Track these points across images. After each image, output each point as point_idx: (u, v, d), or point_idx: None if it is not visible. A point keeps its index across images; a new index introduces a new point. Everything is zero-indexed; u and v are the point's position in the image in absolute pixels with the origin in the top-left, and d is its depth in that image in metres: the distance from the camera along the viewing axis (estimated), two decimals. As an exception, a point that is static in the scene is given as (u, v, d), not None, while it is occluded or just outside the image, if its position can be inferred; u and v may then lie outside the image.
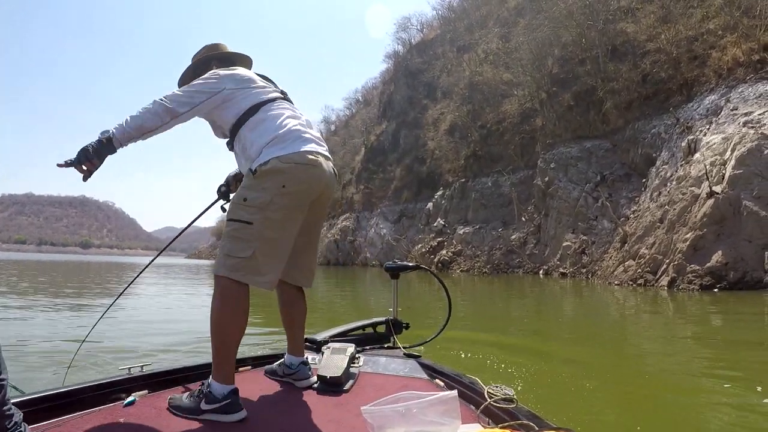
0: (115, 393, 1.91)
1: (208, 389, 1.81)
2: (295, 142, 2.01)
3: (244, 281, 1.89)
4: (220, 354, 1.86)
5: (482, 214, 30.76)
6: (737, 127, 14.21)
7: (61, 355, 4.53)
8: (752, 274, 11.81)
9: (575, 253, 20.77)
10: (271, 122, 2.05)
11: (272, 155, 1.95)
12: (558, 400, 3.36)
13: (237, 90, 2.09)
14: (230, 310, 1.88)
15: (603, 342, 6.12)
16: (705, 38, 19.28)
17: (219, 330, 1.87)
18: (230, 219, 1.96)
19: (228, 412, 1.77)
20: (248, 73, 2.22)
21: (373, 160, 50.42)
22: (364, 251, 44.11)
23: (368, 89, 70.61)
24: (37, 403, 1.69)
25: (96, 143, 1.89)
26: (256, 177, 1.94)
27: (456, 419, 1.45)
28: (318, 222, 2.32)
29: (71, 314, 7.87)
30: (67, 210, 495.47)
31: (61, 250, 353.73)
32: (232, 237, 1.92)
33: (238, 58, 2.43)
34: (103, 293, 12.22)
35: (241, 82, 2.12)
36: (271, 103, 2.12)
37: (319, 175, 2.04)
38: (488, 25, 41.78)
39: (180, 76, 2.40)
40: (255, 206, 1.91)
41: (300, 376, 2.26)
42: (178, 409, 1.81)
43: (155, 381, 2.06)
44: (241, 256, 1.88)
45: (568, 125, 25.52)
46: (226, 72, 2.13)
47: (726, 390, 3.53)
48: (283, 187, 1.93)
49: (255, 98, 2.10)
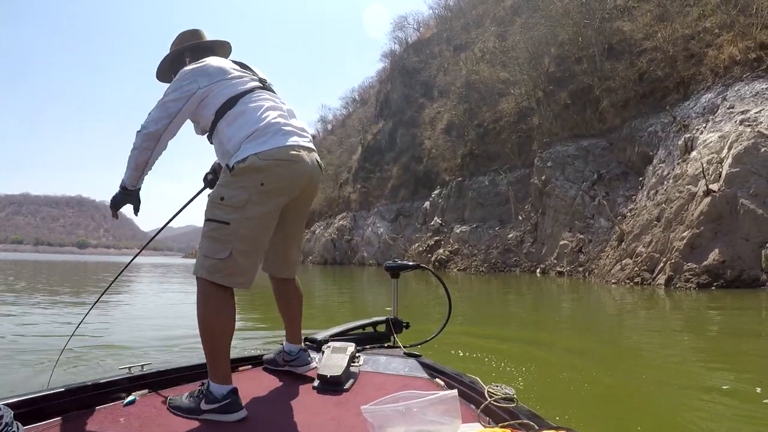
0: (115, 392, 1.90)
1: (207, 389, 1.80)
2: (275, 136, 1.94)
3: (223, 283, 1.86)
4: (212, 355, 1.84)
5: (479, 212, 30.75)
6: (734, 126, 14.21)
7: (45, 354, 4.49)
8: (749, 272, 11.81)
9: (572, 252, 20.77)
10: (249, 115, 1.97)
11: (250, 151, 1.88)
12: (558, 399, 3.34)
13: (211, 85, 2.00)
14: (214, 312, 1.86)
15: (602, 341, 6.09)
16: (701, 36, 19.29)
17: (207, 332, 1.85)
18: (207, 219, 1.91)
19: (228, 412, 1.76)
20: (222, 62, 2.11)
21: (370, 159, 50.41)
22: (361, 250, 44.06)
23: (365, 88, 70.61)
24: (37, 402, 1.68)
25: (117, 193, 2.08)
26: (233, 174, 1.89)
27: (456, 418, 1.44)
28: (301, 216, 2.29)
29: (66, 312, 7.82)
30: (64, 210, 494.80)
31: (58, 250, 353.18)
32: (210, 237, 1.88)
33: (214, 46, 2.34)
34: (99, 293, 12.14)
35: (215, 76, 2.02)
36: (250, 94, 2.04)
37: (300, 170, 1.99)
38: (485, 24, 41.81)
39: (158, 66, 2.34)
40: (232, 206, 1.86)
41: (300, 362, 2.29)
42: (178, 409, 1.80)
43: (155, 380, 2.05)
44: (218, 258, 1.85)
45: (564, 124, 25.52)
46: (196, 67, 2.04)
47: (726, 389, 3.51)
48: (261, 185, 1.88)
49: (231, 90, 2.02)
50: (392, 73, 55.38)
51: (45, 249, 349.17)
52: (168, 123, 1.97)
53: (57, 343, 4.82)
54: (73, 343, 3.77)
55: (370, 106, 61.53)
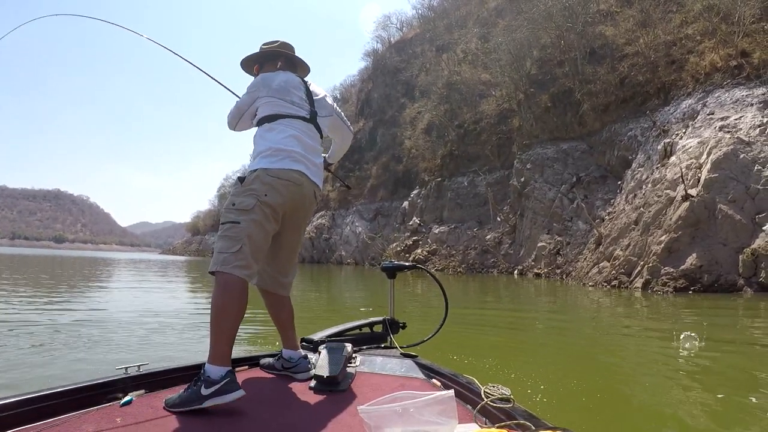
0: (111, 393, 1.91)
1: (205, 375, 1.87)
2: (284, 160, 2.28)
3: (234, 272, 2.05)
4: (216, 336, 1.99)
5: (458, 213, 30.70)
6: (713, 132, 14.29)
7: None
8: (726, 277, 11.84)
9: (550, 254, 20.77)
10: (275, 135, 2.33)
11: (261, 165, 2.25)
12: (551, 400, 3.36)
13: (266, 98, 2.41)
14: (227, 297, 2.03)
15: (593, 343, 6.11)
16: (683, 43, 19.47)
17: (215, 314, 2.02)
18: (222, 222, 2.18)
19: (227, 392, 1.83)
20: (288, 83, 2.48)
21: (350, 157, 50.03)
22: (339, 249, 43.76)
23: (346, 87, 70.02)
24: (34, 403, 1.68)
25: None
26: (243, 185, 2.22)
27: (453, 419, 1.45)
28: (294, 233, 2.51)
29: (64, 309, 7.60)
30: (41, 204, 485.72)
31: (35, 245, 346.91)
32: (224, 236, 2.14)
33: (299, 64, 2.73)
34: (77, 288, 11.83)
35: (274, 92, 2.41)
36: (290, 120, 2.39)
37: (299, 193, 2.32)
38: (468, 25, 41.87)
39: (245, 57, 2.70)
40: (242, 209, 2.15)
41: (300, 369, 2.36)
42: (177, 405, 1.82)
43: (152, 381, 2.07)
44: (231, 251, 2.08)
45: (545, 126, 25.59)
46: (265, 79, 2.45)
47: (713, 390, 3.61)
48: (265, 196, 2.18)
49: (276, 109, 2.39)
50: (374, 72, 55.27)
51: (21, 243, 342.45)
52: (238, 120, 2.54)
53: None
54: (73, 343, 4.02)
55: (351, 105, 61.22)
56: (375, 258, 35.54)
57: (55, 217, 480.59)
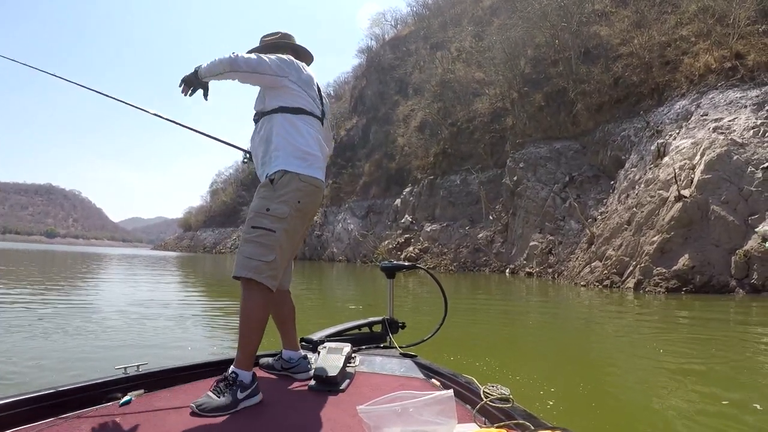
0: (111, 392, 1.91)
1: (238, 379, 1.92)
2: (312, 166, 2.25)
3: (266, 283, 2.06)
4: (247, 345, 2.04)
5: (450, 211, 30.66)
6: (707, 133, 14.30)
7: None
8: (718, 278, 11.84)
9: (542, 253, 20.75)
10: (306, 137, 2.27)
11: (293, 168, 2.19)
12: (551, 400, 3.33)
13: (294, 84, 2.29)
14: (259, 307, 2.07)
15: (591, 343, 6.15)
16: (678, 44, 19.50)
17: (247, 324, 2.06)
18: (254, 227, 2.12)
19: (255, 395, 1.95)
20: (311, 78, 2.40)
21: (343, 154, 49.92)
22: (331, 246, 43.61)
23: (340, 83, 69.97)
24: (33, 402, 1.68)
25: (190, 74, 2.28)
26: (275, 188, 2.16)
27: (452, 419, 1.46)
28: (303, 234, 2.47)
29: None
30: (33, 198, 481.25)
31: (26, 239, 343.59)
32: (257, 243, 2.09)
33: (303, 53, 2.62)
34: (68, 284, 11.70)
35: (303, 83, 2.32)
36: (310, 117, 2.33)
37: (319, 197, 2.33)
38: (462, 24, 41.81)
39: (248, 51, 2.47)
40: (276, 216, 2.12)
41: (299, 369, 2.37)
42: (215, 410, 1.81)
43: (151, 380, 2.07)
44: (264, 260, 2.07)
45: (538, 125, 25.60)
46: (298, 64, 2.35)
47: (708, 389, 3.71)
48: (298, 203, 2.17)
49: (300, 102, 2.30)
50: (368, 69, 55.16)
51: (13, 237, 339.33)
52: (248, 72, 2.22)
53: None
54: (72, 342, 4.03)
55: (345, 102, 61.11)
56: (367, 255, 35.46)
57: (47, 212, 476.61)
